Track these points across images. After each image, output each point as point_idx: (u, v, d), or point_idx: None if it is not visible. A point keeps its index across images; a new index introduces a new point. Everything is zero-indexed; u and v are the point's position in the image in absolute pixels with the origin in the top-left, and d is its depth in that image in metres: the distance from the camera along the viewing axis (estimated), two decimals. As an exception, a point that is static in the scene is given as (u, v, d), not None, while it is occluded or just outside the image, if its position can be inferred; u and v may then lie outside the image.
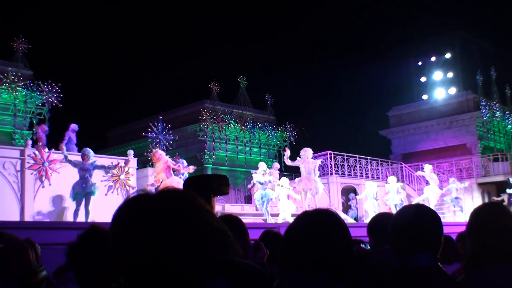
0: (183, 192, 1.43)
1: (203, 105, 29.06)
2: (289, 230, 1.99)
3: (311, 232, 1.89)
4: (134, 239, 1.29)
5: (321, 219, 1.94)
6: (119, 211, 1.39)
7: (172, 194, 1.40)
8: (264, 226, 12.69)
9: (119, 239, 1.33)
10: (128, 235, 1.31)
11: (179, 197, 1.39)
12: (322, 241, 1.85)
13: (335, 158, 24.37)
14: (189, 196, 1.41)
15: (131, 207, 1.37)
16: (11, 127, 20.55)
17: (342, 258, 1.85)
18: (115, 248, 1.34)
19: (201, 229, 1.34)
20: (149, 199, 1.38)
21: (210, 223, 1.37)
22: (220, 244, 1.37)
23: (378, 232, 3.19)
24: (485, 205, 2.69)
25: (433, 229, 2.30)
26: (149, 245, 1.27)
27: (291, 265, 1.86)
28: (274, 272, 1.89)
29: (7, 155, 15.04)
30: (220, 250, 1.36)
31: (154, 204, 1.34)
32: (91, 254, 2.48)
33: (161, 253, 1.27)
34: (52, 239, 7.52)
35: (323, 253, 1.83)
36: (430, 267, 2.22)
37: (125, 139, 32.81)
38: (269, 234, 4.47)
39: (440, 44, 40.11)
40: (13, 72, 20.12)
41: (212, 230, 1.36)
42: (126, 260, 1.30)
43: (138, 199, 1.39)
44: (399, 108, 36.44)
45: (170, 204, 1.35)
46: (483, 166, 29.01)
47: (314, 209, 2.10)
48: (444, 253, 2.40)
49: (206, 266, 1.28)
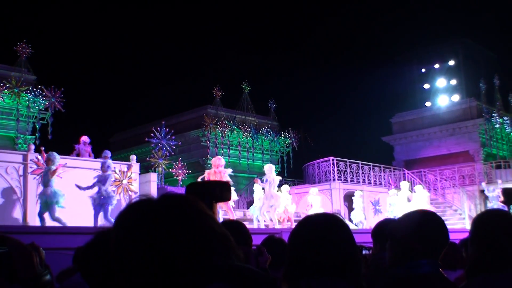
0: (185, 197, 1.43)
1: (206, 110, 29.10)
2: (296, 236, 1.98)
3: (322, 237, 1.89)
4: (136, 244, 1.29)
5: (329, 224, 1.94)
6: (122, 216, 1.39)
7: (174, 199, 1.41)
8: (267, 231, 12.66)
9: (121, 244, 1.34)
10: (130, 239, 1.31)
11: (182, 202, 1.40)
12: (333, 245, 1.86)
13: (337, 164, 24.34)
14: (191, 201, 1.41)
15: (133, 212, 1.38)
16: (14, 131, 20.60)
17: (353, 261, 1.87)
18: (117, 252, 1.34)
19: (203, 234, 1.34)
20: (151, 204, 1.38)
21: (212, 228, 1.37)
22: (222, 249, 1.37)
23: (383, 237, 3.19)
24: (488, 211, 2.68)
25: (437, 235, 2.29)
26: (151, 249, 1.27)
27: (305, 272, 1.85)
28: (277, 278, 1.89)
29: (10, 160, 15.06)
30: (222, 255, 1.36)
31: (156, 209, 1.35)
32: (100, 258, 2.49)
33: (163, 258, 1.27)
34: (55, 244, 7.52)
35: (335, 258, 1.84)
36: (433, 274, 2.21)
37: (128, 144, 32.84)
38: (272, 240, 4.47)
39: (443, 51, 40.15)
40: (16, 76, 20.20)
41: (214, 235, 1.36)
42: (128, 265, 1.30)
43: (140, 204, 1.39)
44: (402, 114, 36.44)
45: (173, 209, 1.36)
46: (486, 173, 28.96)
47: (320, 213, 2.08)
48: (448, 259, 2.39)
49: (208, 271, 1.28)
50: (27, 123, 20.80)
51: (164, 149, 20.21)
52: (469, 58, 39.98)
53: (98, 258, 2.51)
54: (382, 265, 2.84)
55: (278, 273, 4.02)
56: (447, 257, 2.35)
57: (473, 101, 33.21)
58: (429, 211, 2.56)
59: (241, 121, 29.36)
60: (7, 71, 20.80)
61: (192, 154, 29.31)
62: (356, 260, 1.89)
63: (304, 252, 1.88)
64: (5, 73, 20.63)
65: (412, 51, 42.16)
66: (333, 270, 1.81)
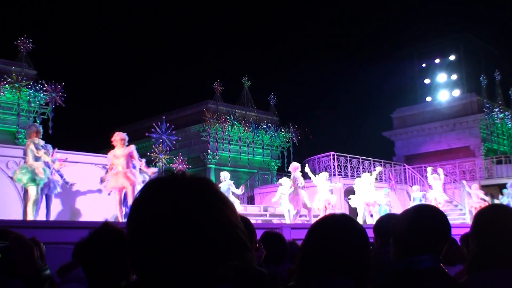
0: (210, 182, 1.26)
1: (206, 105, 29.08)
2: (314, 234, 1.99)
3: (339, 237, 1.91)
4: (153, 234, 1.14)
5: (347, 226, 1.96)
6: (141, 198, 1.23)
7: (202, 182, 1.23)
8: (266, 226, 12.69)
9: (137, 230, 1.19)
10: (147, 228, 1.16)
11: (210, 189, 1.23)
12: (349, 247, 1.88)
13: (338, 159, 24.33)
14: (217, 189, 1.25)
15: (154, 194, 1.22)
16: (15, 126, 20.59)
17: (364, 263, 1.90)
18: (133, 241, 1.19)
19: (229, 230, 1.19)
20: (175, 186, 1.21)
21: (236, 225, 1.22)
22: (239, 248, 1.21)
23: (385, 232, 3.19)
24: (490, 207, 2.67)
25: (438, 230, 2.29)
26: (169, 242, 1.13)
27: (317, 269, 1.86)
28: (277, 273, 1.89)
29: (10, 154, 15.06)
30: (238, 254, 1.19)
31: (181, 194, 1.18)
32: (101, 252, 2.50)
33: (182, 251, 1.13)
34: (56, 239, 7.53)
35: (349, 259, 1.86)
36: (433, 269, 2.20)
37: (128, 139, 32.76)
38: (269, 235, 4.50)
39: (444, 46, 40.08)
40: (17, 71, 20.18)
41: (241, 232, 1.22)
42: (143, 254, 1.16)
43: (163, 184, 1.24)
44: (403, 109, 36.40)
45: (200, 198, 1.19)
46: (487, 168, 28.96)
47: (338, 214, 2.09)
48: (447, 254, 2.39)
49: (218, 271, 1.14)
50: (28, 118, 20.78)
51: (165, 144, 20.18)
52: (470, 53, 39.91)
53: (100, 253, 2.51)
54: (383, 260, 2.84)
55: (276, 268, 4.04)
56: (446, 253, 2.34)
57: (473, 96, 33.17)
58: (430, 206, 2.55)
59: (241, 116, 29.35)
60: (8, 66, 20.78)
61: (192, 149, 29.30)
62: (367, 262, 1.91)
63: (319, 251, 1.89)
64: (6, 68, 20.61)
65: (413, 46, 42.13)
66: (344, 270, 1.83)
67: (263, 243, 3.06)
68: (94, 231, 2.61)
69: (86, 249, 2.58)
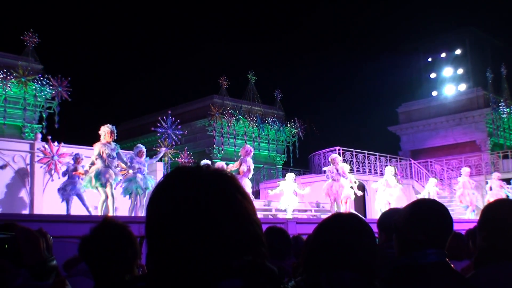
0: (233, 176, 1.26)
1: (212, 100, 29.10)
2: (324, 230, 1.99)
3: (350, 234, 1.91)
4: (171, 222, 1.14)
5: (358, 224, 1.97)
6: (164, 184, 1.22)
7: (225, 175, 1.23)
8: (271, 221, 12.71)
9: (156, 216, 1.18)
10: (166, 214, 1.15)
11: (233, 183, 1.23)
12: (359, 244, 1.89)
13: (343, 154, 24.28)
14: (239, 183, 1.25)
15: (177, 182, 1.20)
16: (21, 120, 20.66)
17: (373, 259, 1.90)
18: (151, 233, 1.19)
19: (248, 226, 1.19)
20: (199, 176, 1.20)
21: (256, 221, 1.22)
22: (257, 246, 1.21)
23: (389, 227, 3.19)
24: (497, 201, 2.66)
25: (438, 223, 2.28)
26: (186, 232, 1.12)
27: (325, 265, 1.87)
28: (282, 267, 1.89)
29: (17, 149, 15.14)
30: (254, 250, 1.19)
31: (203, 185, 1.18)
32: (104, 246, 2.51)
33: (198, 242, 1.12)
34: (62, 232, 7.56)
35: (358, 255, 1.87)
36: (439, 263, 2.20)
37: (134, 134, 32.87)
38: (273, 230, 4.53)
39: (450, 40, 39.89)
40: (23, 66, 20.24)
41: (258, 227, 1.22)
42: (158, 240, 1.16)
43: (187, 174, 1.23)
44: (409, 104, 36.31)
45: (222, 191, 1.19)
46: (493, 163, 28.85)
47: (349, 213, 2.11)
48: (454, 249, 2.39)
49: (227, 266, 1.13)
50: (34, 112, 20.87)
51: (170, 139, 20.17)
52: (476, 47, 39.69)
53: (103, 247, 2.53)
54: (387, 255, 2.84)
55: (280, 263, 4.06)
56: (453, 248, 2.34)
57: (480, 90, 33.03)
58: (429, 200, 2.56)
59: (247, 110, 29.35)
60: (14, 60, 20.85)
61: (198, 143, 29.35)
62: (375, 259, 1.92)
63: (328, 246, 1.90)
64: (12, 62, 20.67)
65: (418, 40, 41.94)
66: (353, 266, 1.83)
67: (267, 238, 3.06)
68: (94, 226, 2.63)
69: (87, 245, 2.60)
